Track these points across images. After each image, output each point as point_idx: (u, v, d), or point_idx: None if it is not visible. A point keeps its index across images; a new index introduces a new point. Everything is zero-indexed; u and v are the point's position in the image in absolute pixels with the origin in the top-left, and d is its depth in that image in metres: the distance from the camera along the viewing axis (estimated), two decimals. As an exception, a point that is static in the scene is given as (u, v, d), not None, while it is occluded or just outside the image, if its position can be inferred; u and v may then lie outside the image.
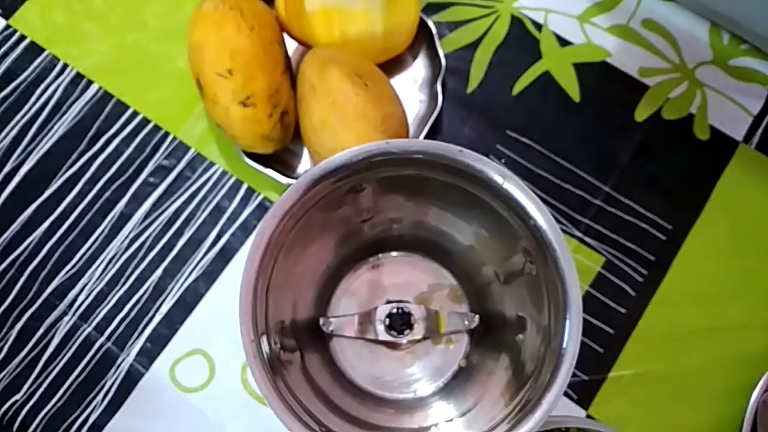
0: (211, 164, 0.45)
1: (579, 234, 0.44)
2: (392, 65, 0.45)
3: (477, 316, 0.39)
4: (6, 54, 0.48)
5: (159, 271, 0.43)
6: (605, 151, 0.45)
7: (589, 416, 0.41)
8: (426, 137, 0.43)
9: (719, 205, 0.44)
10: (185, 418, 0.41)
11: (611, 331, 0.42)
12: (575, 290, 0.29)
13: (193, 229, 0.44)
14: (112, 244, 0.44)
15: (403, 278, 0.41)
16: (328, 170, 0.31)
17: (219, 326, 0.42)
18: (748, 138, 0.45)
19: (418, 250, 0.41)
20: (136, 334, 0.42)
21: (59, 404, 0.41)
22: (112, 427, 0.41)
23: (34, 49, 0.48)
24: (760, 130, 0.46)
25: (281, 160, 0.44)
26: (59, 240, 0.44)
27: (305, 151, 0.45)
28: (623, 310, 0.42)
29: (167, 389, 0.41)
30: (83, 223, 0.44)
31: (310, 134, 0.41)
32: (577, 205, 0.44)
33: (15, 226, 0.44)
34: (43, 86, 0.47)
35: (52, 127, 0.46)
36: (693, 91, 0.46)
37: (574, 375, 0.41)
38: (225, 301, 0.43)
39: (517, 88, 0.47)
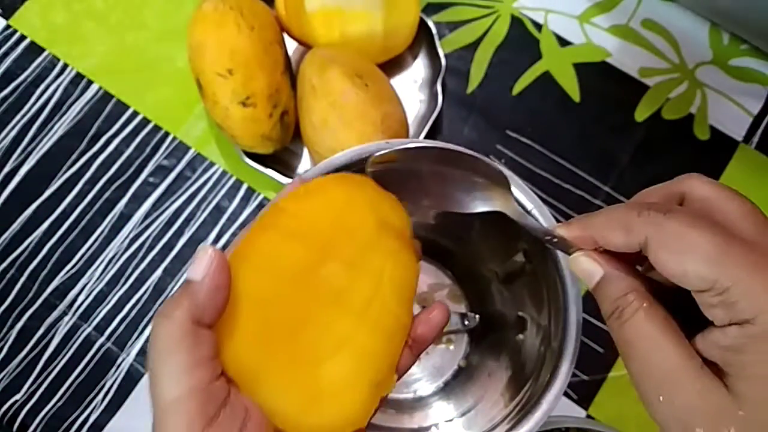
0: (211, 164, 0.45)
1: (579, 234, 0.44)
2: (392, 65, 0.45)
3: (477, 316, 0.39)
4: (6, 54, 0.48)
5: (159, 271, 0.43)
6: (605, 151, 0.45)
7: (589, 416, 0.41)
8: (426, 137, 0.43)
9: (719, 205, 0.44)
10: (185, 418, 0.41)
11: (611, 331, 0.42)
12: (575, 290, 0.29)
13: (193, 229, 0.44)
14: (112, 244, 0.44)
15: (403, 278, 0.40)
16: (328, 170, 0.31)
17: (219, 326, 0.42)
18: (748, 138, 0.45)
19: (418, 250, 0.41)
20: (136, 334, 0.42)
21: (59, 404, 0.41)
22: (112, 427, 0.41)
23: (34, 49, 0.48)
24: (760, 130, 0.46)
25: (281, 160, 0.44)
26: (59, 240, 0.44)
27: (305, 151, 0.45)
28: (623, 310, 0.42)
29: (167, 389, 0.41)
30: (83, 223, 0.44)
31: (310, 134, 0.41)
32: (577, 205, 0.44)
33: (15, 226, 0.44)
34: (43, 86, 0.47)
35: (52, 127, 0.46)
36: (693, 91, 0.46)
37: (574, 375, 0.41)
38: (225, 301, 0.43)
39: (517, 88, 0.47)
